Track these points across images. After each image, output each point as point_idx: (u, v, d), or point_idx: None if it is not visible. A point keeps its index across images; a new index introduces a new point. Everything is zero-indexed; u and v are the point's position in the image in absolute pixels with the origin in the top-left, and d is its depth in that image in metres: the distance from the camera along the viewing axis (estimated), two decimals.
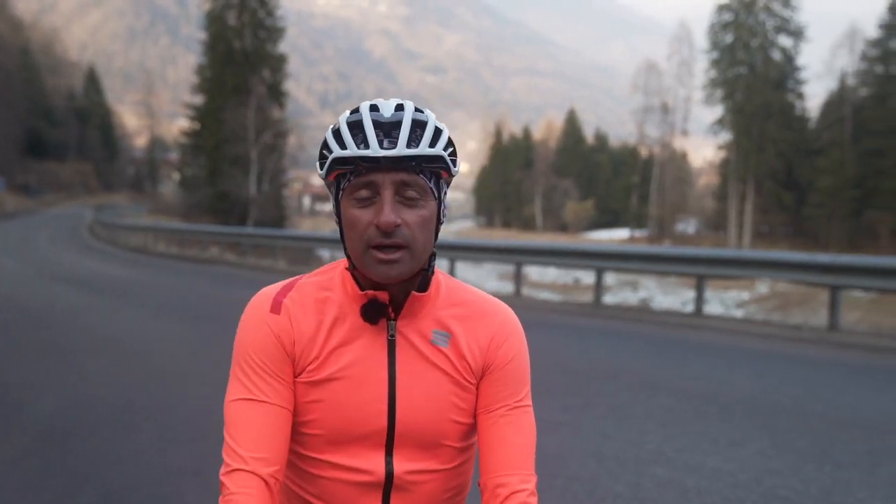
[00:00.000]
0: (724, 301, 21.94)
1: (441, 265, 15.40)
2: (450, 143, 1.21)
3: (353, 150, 1.15)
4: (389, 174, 1.15)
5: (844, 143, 44.74)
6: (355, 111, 1.20)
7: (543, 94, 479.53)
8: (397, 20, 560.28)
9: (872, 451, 4.40)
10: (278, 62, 41.85)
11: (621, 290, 24.46)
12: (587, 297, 12.05)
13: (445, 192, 1.26)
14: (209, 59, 41.72)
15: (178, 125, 56.15)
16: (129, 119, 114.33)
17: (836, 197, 43.54)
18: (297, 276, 1.34)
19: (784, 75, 49.88)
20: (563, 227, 73.49)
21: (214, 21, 41.02)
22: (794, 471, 4.08)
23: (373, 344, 1.25)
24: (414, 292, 1.25)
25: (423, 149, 1.16)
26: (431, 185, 1.20)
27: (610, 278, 24.03)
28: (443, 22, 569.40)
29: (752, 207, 48.39)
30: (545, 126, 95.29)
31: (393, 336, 1.26)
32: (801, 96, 51.02)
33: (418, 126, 1.17)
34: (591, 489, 3.82)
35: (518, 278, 12.76)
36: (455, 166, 1.22)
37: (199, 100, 42.87)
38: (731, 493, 3.78)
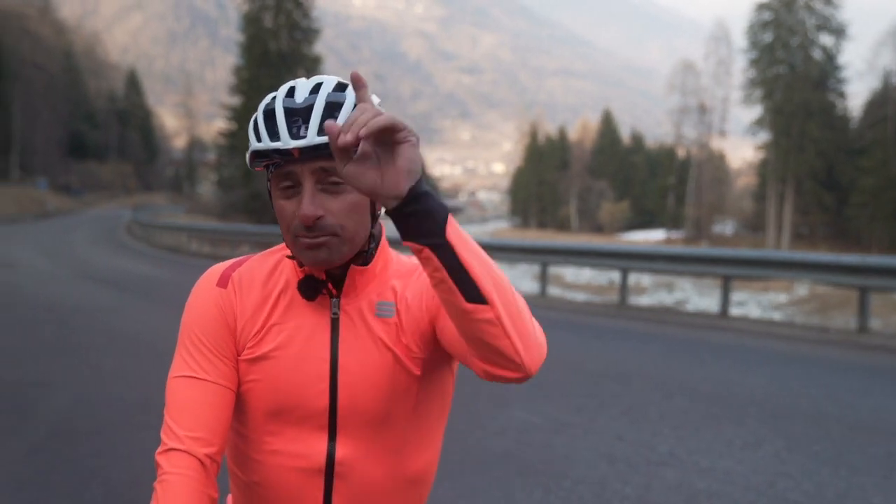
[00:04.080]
0: (760, 303, 21.58)
1: None
2: None
3: (266, 142, 1.12)
4: (307, 164, 1.11)
5: (887, 143, 43.70)
6: (273, 97, 1.16)
7: (579, 94, 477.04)
8: (433, 21, 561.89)
9: (891, 455, 4.27)
10: (314, 63, 42.15)
11: (656, 292, 24.19)
12: (618, 298, 11.91)
13: None
14: (246, 61, 42.16)
15: (215, 126, 56.90)
16: (169, 120, 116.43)
17: (879, 197, 42.54)
18: (249, 255, 1.33)
19: (825, 74, 48.88)
20: (598, 229, 72.95)
21: (251, 23, 41.48)
22: (809, 474, 3.97)
23: (315, 322, 1.22)
24: (354, 266, 1.21)
25: None
26: None
27: (646, 280, 23.77)
28: (479, 23, 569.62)
29: (791, 208, 47.49)
30: (581, 127, 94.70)
31: (336, 314, 1.22)
32: (842, 95, 49.96)
33: (334, 108, 1.11)
34: (599, 491, 3.76)
35: (544, 278, 12.67)
36: None
37: (236, 101, 43.35)
38: (743, 497, 3.70)
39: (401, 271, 1.27)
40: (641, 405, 5.38)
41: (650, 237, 59.30)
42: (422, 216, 0.94)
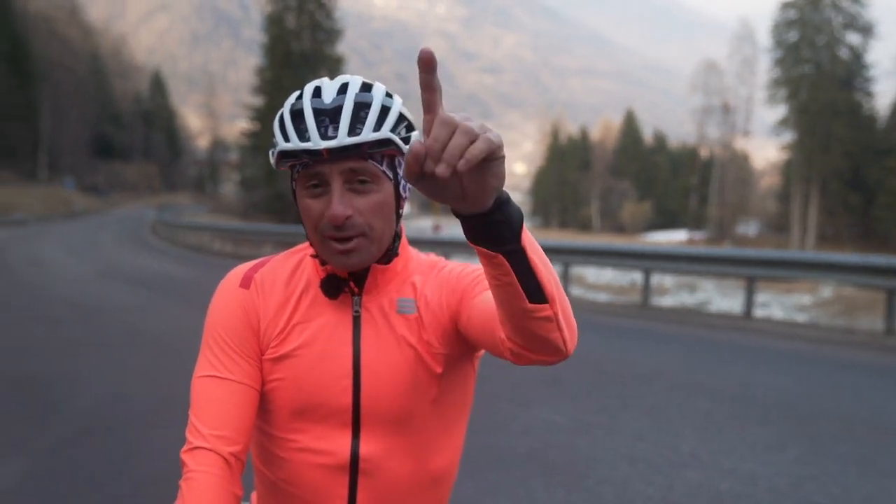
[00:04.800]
0: (784, 304, 21.32)
1: None
2: (400, 119, 1.15)
3: (295, 142, 1.12)
4: (336, 164, 1.12)
5: None
6: (299, 97, 1.17)
7: (601, 94, 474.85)
8: (455, 21, 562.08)
9: None
10: (336, 63, 42.26)
11: (678, 293, 23.99)
12: (640, 299, 11.85)
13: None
14: (269, 61, 42.38)
15: (238, 126, 57.32)
16: (192, 121, 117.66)
17: None
18: (272, 255, 1.34)
19: (852, 73, 48.20)
20: (620, 229, 72.62)
21: (274, 23, 41.70)
22: (835, 477, 3.93)
23: (338, 320, 1.23)
24: (375, 265, 1.22)
25: (367, 135, 1.11)
26: (384, 167, 1.16)
27: (668, 280, 23.59)
28: (500, 23, 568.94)
29: (816, 209, 46.90)
30: (603, 127, 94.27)
31: (357, 312, 1.23)
32: (869, 94, 49.21)
33: (362, 108, 1.12)
34: (621, 492, 3.76)
35: (566, 278, 12.61)
36: (408, 144, 1.14)
37: (258, 101, 43.61)
38: (767, 499, 3.67)
39: (420, 268, 1.29)
40: (664, 406, 5.35)
41: (672, 238, 58.90)
42: (501, 225, 0.88)
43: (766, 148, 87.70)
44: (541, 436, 4.64)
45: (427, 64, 0.81)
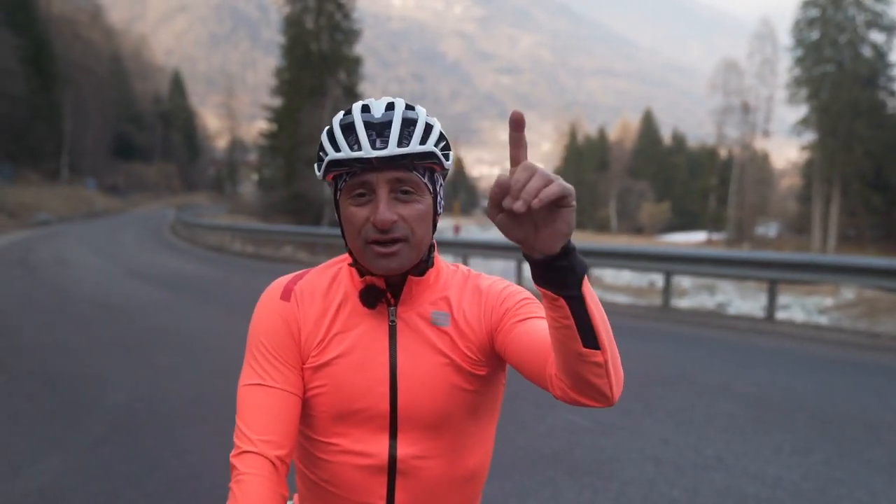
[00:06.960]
0: (805, 307, 21.15)
1: (509, 266, 15.29)
2: (441, 137, 1.23)
3: (346, 152, 1.19)
4: (383, 173, 1.19)
5: None
6: (348, 113, 1.24)
7: (619, 94, 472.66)
8: (472, 22, 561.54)
9: None
10: (354, 64, 42.38)
11: (698, 294, 23.89)
12: (660, 301, 11.82)
13: (441, 185, 1.29)
14: (287, 62, 42.57)
15: (256, 127, 57.58)
16: (211, 121, 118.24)
17: None
18: (309, 268, 1.42)
19: (875, 72, 47.65)
20: (638, 230, 72.28)
21: (293, 25, 41.89)
22: (862, 482, 3.94)
23: (374, 329, 1.30)
24: (411, 276, 1.29)
25: (414, 146, 1.19)
26: (425, 180, 1.23)
27: (686, 282, 23.49)
28: (518, 23, 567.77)
29: (837, 210, 46.44)
30: (621, 127, 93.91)
31: (393, 321, 1.30)
32: (893, 94, 48.65)
33: (409, 124, 1.20)
34: (647, 493, 3.79)
35: (588, 280, 12.59)
36: (447, 160, 1.25)
37: (277, 102, 43.80)
38: (793, 503, 3.68)
39: (454, 282, 1.35)
40: (687, 409, 5.37)
41: (691, 239, 58.58)
42: (566, 271, 0.99)
43: (786, 148, 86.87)
44: (565, 437, 4.67)
45: (517, 123, 0.94)
